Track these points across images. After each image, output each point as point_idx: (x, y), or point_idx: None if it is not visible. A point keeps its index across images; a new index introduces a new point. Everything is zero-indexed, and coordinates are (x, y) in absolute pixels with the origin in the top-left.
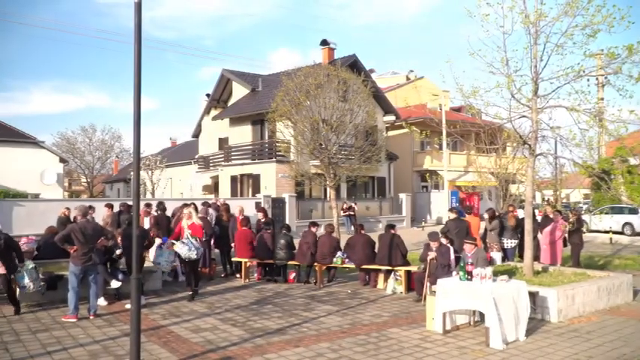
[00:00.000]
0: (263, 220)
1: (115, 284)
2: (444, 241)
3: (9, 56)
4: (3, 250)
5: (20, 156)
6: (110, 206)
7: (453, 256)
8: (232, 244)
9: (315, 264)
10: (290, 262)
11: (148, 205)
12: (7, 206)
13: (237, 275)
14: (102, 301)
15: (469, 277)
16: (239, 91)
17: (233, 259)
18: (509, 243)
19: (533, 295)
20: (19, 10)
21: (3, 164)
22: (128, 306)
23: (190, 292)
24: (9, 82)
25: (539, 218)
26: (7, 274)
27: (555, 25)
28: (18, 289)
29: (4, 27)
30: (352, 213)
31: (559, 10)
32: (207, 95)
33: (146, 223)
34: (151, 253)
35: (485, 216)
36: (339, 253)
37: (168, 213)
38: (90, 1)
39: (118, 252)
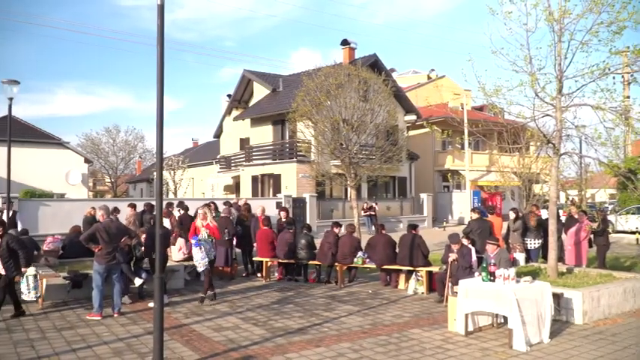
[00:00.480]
0: (284, 220)
1: (137, 282)
2: (465, 242)
3: (33, 58)
4: (5, 251)
5: (46, 156)
6: (133, 206)
7: (474, 258)
8: (254, 244)
9: (336, 264)
10: (311, 262)
11: (169, 206)
12: (33, 206)
13: (259, 275)
14: (126, 300)
15: (492, 278)
16: (260, 91)
17: (254, 259)
18: (533, 244)
19: (557, 297)
20: (41, 12)
21: (29, 165)
22: (151, 304)
23: (211, 293)
24: (33, 83)
25: (563, 219)
26: (7, 277)
27: (580, 22)
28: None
29: (28, 30)
30: (373, 213)
31: (584, 7)
32: (229, 96)
33: (166, 224)
34: (174, 254)
35: (512, 215)
36: (359, 253)
37: (191, 212)
38: (111, 4)
39: (142, 249)
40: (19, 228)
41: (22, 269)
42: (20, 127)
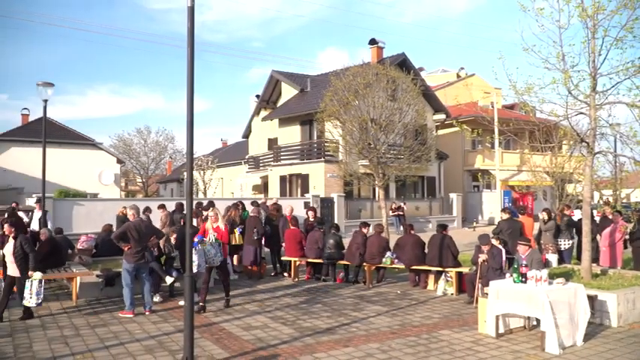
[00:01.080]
0: (313, 220)
1: (168, 280)
2: (495, 242)
3: (66, 60)
4: (19, 252)
5: (80, 157)
6: (163, 207)
7: (504, 259)
8: (282, 244)
9: (364, 264)
10: (339, 262)
11: (199, 206)
12: (67, 205)
13: (285, 274)
14: (157, 298)
15: (523, 279)
16: (288, 91)
17: (282, 258)
18: (565, 244)
19: (591, 299)
20: (73, 16)
21: (63, 165)
22: (182, 303)
23: (202, 305)
24: (67, 86)
25: (597, 219)
26: (22, 278)
27: (614, 19)
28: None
29: (61, 33)
30: (401, 213)
31: (618, 3)
32: (257, 96)
33: (193, 223)
34: None
35: (542, 216)
36: (388, 254)
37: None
38: (143, 7)
39: (171, 248)
40: (50, 226)
41: (29, 272)
42: (55, 128)
